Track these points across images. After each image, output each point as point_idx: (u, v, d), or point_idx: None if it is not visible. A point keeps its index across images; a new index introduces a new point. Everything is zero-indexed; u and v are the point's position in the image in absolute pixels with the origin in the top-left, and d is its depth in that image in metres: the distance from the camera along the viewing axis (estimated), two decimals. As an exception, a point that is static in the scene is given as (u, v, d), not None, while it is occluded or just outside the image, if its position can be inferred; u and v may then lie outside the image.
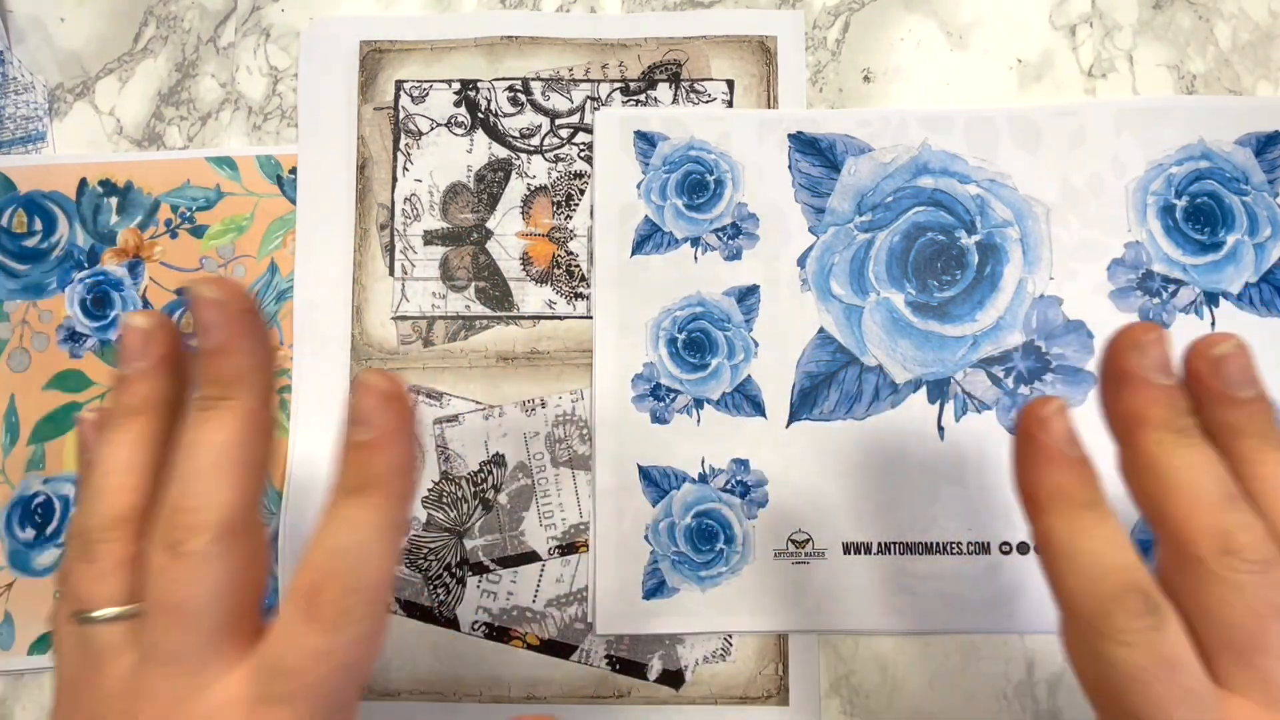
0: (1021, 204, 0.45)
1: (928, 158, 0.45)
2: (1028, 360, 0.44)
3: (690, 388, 0.45)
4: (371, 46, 0.48)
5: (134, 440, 0.25)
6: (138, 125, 0.49)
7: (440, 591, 0.44)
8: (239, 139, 0.48)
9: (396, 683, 0.44)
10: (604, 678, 0.44)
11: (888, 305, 0.44)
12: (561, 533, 0.45)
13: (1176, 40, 0.47)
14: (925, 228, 0.45)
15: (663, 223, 0.46)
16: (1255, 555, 0.22)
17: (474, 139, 0.47)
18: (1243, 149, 0.44)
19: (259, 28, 0.49)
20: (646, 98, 0.47)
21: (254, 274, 0.47)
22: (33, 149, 0.48)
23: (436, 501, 0.45)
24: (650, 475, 0.44)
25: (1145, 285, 0.44)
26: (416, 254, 0.47)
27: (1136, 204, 0.44)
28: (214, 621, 0.23)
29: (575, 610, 0.44)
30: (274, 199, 0.47)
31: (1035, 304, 0.44)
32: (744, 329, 0.45)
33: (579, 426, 0.45)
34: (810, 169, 0.45)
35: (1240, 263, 0.44)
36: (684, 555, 0.44)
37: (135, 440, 0.25)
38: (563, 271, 0.46)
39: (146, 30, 0.49)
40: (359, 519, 0.24)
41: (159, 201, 0.48)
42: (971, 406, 0.44)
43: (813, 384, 0.44)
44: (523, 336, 0.46)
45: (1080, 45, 0.47)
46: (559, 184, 0.47)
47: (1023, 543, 0.43)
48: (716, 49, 0.47)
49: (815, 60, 0.47)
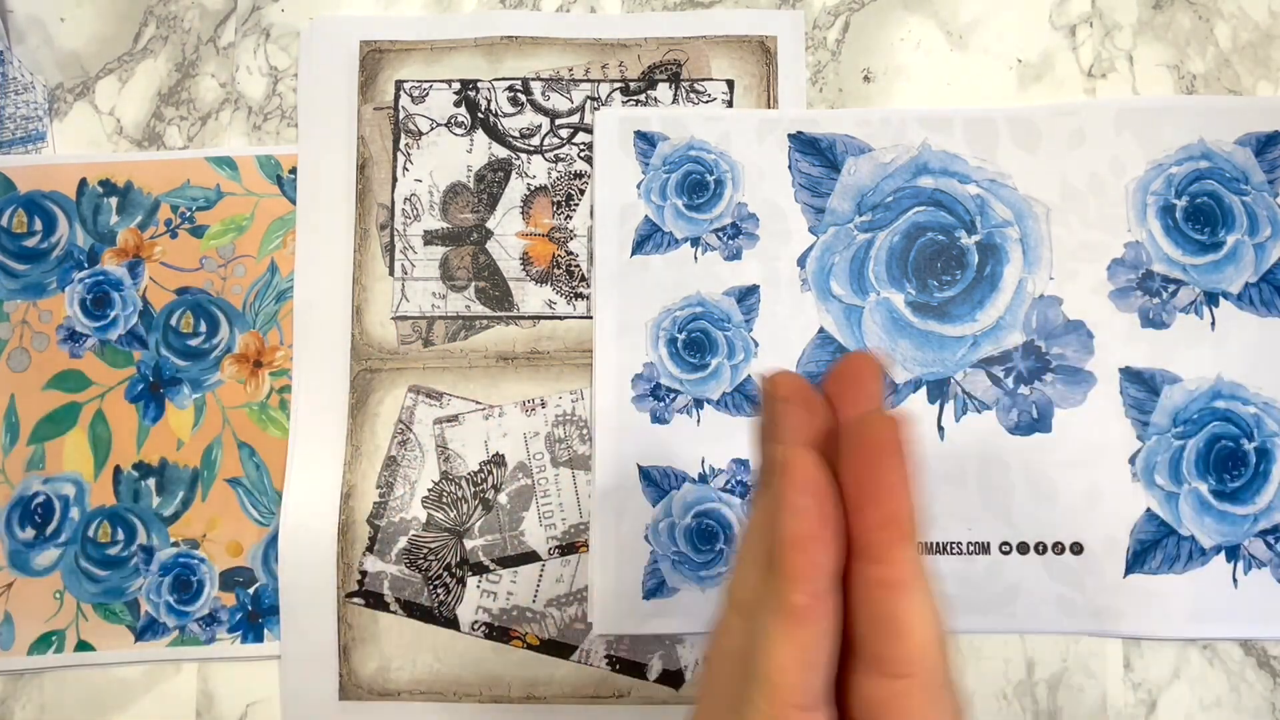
0: (1021, 204, 0.45)
1: (928, 158, 0.45)
2: (1028, 360, 0.44)
3: (690, 388, 0.45)
4: (371, 46, 0.48)
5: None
6: (138, 125, 0.49)
7: (440, 591, 0.44)
8: (239, 139, 0.48)
9: (396, 683, 0.44)
10: (604, 678, 0.44)
11: (888, 305, 0.44)
12: (561, 533, 0.45)
13: (1176, 40, 0.47)
14: (925, 228, 0.45)
15: (663, 223, 0.46)
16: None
17: (474, 139, 0.47)
18: (1243, 149, 0.44)
19: (259, 28, 0.49)
20: (646, 98, 0.47)
21: (254, 274, 0.47)
22: (33, 149, 0.48)
23: (436, 501, 0.45)
24: (650, 475, 0.44)
25: (1145, 285, 0.44)
26: (416, 254, 0.47)
27: (1136, 204, 0.44)
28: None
29: (575, 610, 0.44)
30: (274, 199, 0.47)
31: (1035, 304, 0.44)
32: (744, 329, 0.45)
33: (579, 426, 0.45)
34: (810, 169, 0.45)
35: (1240, 263, 0.44)
36: (684, 555, 0.44)
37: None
38: (563, 271, 0.46)
39: (146, 30, 0.49)
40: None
41: (159, 201, 0.48)
42: (971, 406, 0.44)
43: (813, 383, 0.44)
44: (523, 336, 0.46)
45: (1080, 45, 0.47)
46: (559, 184, 0.47)
47: (1022, 543, 0.43)
48: (716, 49, 0.47)
49: (815, 60, 0.47)
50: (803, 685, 0.20)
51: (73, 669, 0.45)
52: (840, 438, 0.22)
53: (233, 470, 0.46)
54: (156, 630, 0.45)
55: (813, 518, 0.20)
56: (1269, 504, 0.43)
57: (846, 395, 0.23)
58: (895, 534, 0.20)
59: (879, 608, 0.20)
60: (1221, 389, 0.43)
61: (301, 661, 0.44)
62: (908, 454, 0.21)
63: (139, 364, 0.47)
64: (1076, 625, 0.42)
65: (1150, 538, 0.43)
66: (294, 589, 0.45)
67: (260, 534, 0.46)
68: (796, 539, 0.20)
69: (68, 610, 0.45)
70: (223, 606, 0.45)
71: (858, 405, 0.23)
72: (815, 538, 0.20)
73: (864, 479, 0.21)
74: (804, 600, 0.20)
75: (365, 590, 0.45)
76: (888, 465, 0.21)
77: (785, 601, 0.20)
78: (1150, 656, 0.43)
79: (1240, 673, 0.43)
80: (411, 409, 0.46)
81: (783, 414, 0.23)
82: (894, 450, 0.21)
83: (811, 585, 0.20)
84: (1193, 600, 0.42)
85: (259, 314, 0.47)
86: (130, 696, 0.45)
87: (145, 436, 0.46)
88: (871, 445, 0.21)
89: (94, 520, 0.46)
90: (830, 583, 0.21)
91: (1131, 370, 0.43)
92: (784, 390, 0.23)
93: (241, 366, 0.47)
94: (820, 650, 0.20)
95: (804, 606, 0.20)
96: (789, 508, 0.21)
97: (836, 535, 0.21)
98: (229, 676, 0.45)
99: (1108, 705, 0.43)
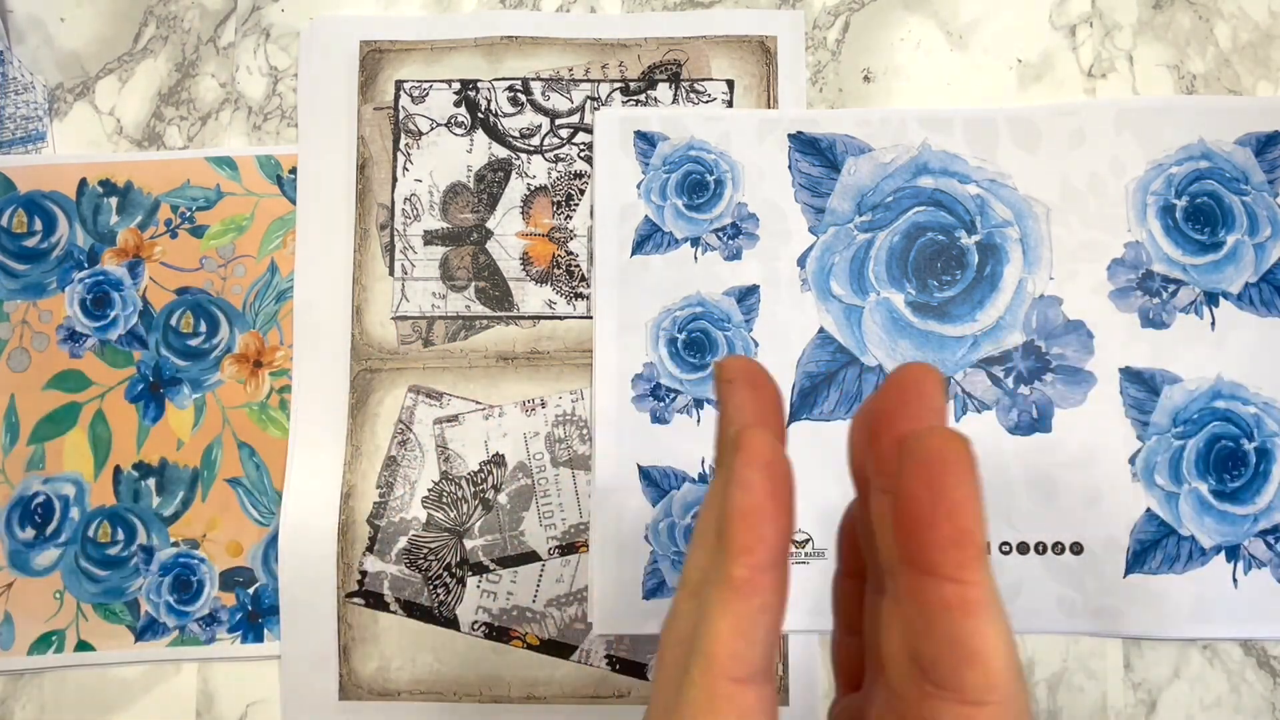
0: (1021, 204, 0.45)
1: (928, 158, 0.45)
2: (1028, 360, 0.44)
3: (690, 388, 0.44)
4: (371, 46, 0.48)
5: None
6: (138, 125, 0.49)
7: (440, 591, 0.44)
8: (239, 139, 0.48)
9: (396, 683, 0.44)
10: (604, 678, 0.44)
11: (888, 305, 0.44)
12: (561, 533, 0.45)
13: (1176, 40, 0.47)
14: (925, 228, 0.45)
15: (663, 223, 0.46)
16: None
17: (474, 139, 0.47)
18: (1243, 149, 0.44)
19: (259, 28, 0.49)
20: (646, 98, 0.47)
21: (254, 274, 0.47)
22: (33, 149, 0.48)
23: (436, 501, 0.45)
24: (650, 475, 0.44)
25: (1145, 285, 0.44)
26: (416, 254, 0.47)
27: (1136, 204, 0.44)
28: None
29: (575, 610, 0.44)
30: (274, 199, 0.47)
31: (1035, 304, 0.44)
32: (744, 329, 0.45)
33: (579, 426, 0.45)
34: (810, 169, 0.45)
35: (1240, 262, 0.44)
36: (684, 555, 0.44)
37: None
38: (563, 271, 0.46)
39: (146, 30, 0.49)
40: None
41: (159, 201, 0.48)
42: (971, 406, 0.44)
43: (813, 384, 0.44)
44: (523, 336, 0.46)
45: (1080, 45, 0.47)
46: (559, 184, 0.47)
47: (1022, 543, 0.43)
48: (716, 49, 0.47)
49: (815, 60, 0.47)
50: (739, 657, 0.20)
51: (73, 669, 0.45)
52: (900, 451, 0.21)
53: (233, 470, 0.46)
54: (156, 630, 0.45)
55: (759, 492, 0.20)
56: (1269, 504, 0.43)
57: (908, 407, 0.22)
58: (969, 552, 0.19)
59: (955, 630, 0.19)
60: (1221, 389, 0.43)
61: (301, 661, 0.44)
62: (976, 471, 0.20)
63: (139, 364, 0.47)
64: (1076, 625, 0.42)
65: (1150, 538, 0.43)
66: (294, 589, 0.45)
67: (260, 534, 0.46)
68: (741, 511, 0.20)
69: (68, 610, 0.45)
70: (223, 606, 0.45)
71: (920, 417, 0.22)
72: (760, 510, 0.20)
73: (934, 494, 0.20)
74: (744, 573, 0.20)
75: (365, 590, 0.45)
76: (958, 480, 0.20)
77: (726, 574, 0.20)
78: (1150, 656, 0.43)
79: (1240, 673, 0.43)
80: (411, 409, 0.46)
81: (729, 394, 0.23)
82: (966, 465, 0.20)
83: (754, 558, 0.20)
84: (1193, 600, 0.42)
85: (259, 314, 0.47)
86: (130, 696, 0.45)
87: (145, 436, 0.46)
88: (941, 459, 0.20)
89: (94, 520, 0.46)
90: (775, 558, 0.20)
91: (1131, 370, 0.43)
92: (729, 372, 0.23)
93: (241, 366, 0.47)
94: (758, 625, 0.20)
95: (743, 579, 0.20)
96: (737, 482, 0.20)
97: (784, 513, 0.21)
98: (229, 676, 0.45)
99: (1108, 705, 0.43)
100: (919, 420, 0.22)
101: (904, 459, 0.20)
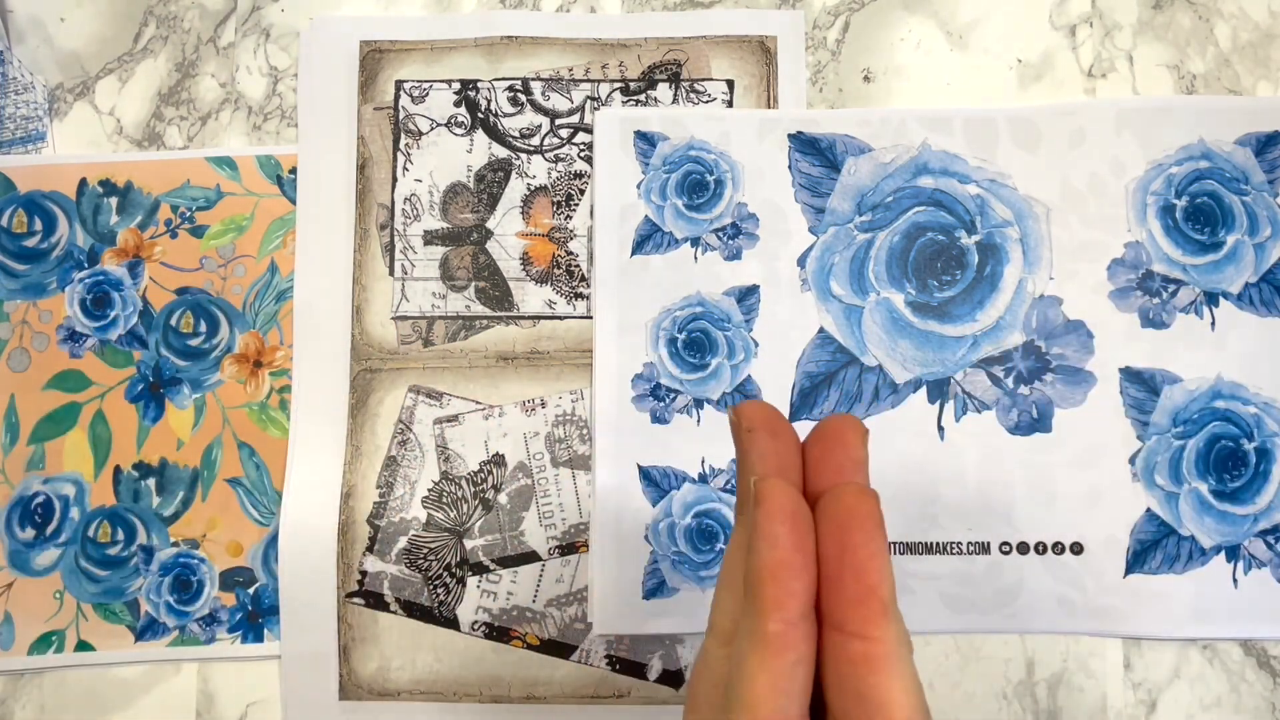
0: (1021, 204, 0.45)
1: (928, 158, 0.45)
2: (1028, 360, 0.44)
3: (690, 388, 0.45)
4: (371, 46, 0.48)
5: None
6: (138, 125, 0.49)
7: (440, 591, 0.44)
8: (239, 139, 0.48)
9: (396, 683, 0.44)
10: (604, 678, 0.44)
11: (888, 305, 0.44)
12: (561, 533, 0.45)
13: (1176, 40, 0.47)
14: (925, 228, 0.45)
15: (663, 223, 0.46)
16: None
17: (474, 139, 0.47)
18: (1243, 149, 0.44)
19: (259, 28, 0.49)
20: (646, 98, 0.47)
21: (254, 274, 0.47)
22: (33, 149, 0.48)
23: (436, 501, 0.45)
24: (650, 475, 0.44)
25: (1145, 285, 0.44)
26: (416, 254, 0.47)
27: (1136, 204, 0.44)
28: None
29: (575, 610, 0.44)
30: (274, 199, 0.47)
31: (1035, 304, 0.44)
32: (744, 329, 0.45)
33: (579, 426, 0.45)
34: (810, 169, 0.45)
35: (1240, 263, 0.44)
36: (684, 555, 0.44)
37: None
38: (563, 271, 0.46)
39: (146, 30, 0.49)
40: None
41: (159, 201, 0.48)
42: (971, 406, 0.44)
43: (813, 384, 0.44)
44: (523, 336, 0.46)
45: (1080, 45, 0.47)
46: (559, 184, 0.47)
47: (1022, 543, 0.43)
48: (716, 49, 0.47)
49: (815, 60, 0.47)
50: (779, 711, 0.20)
51: (73, 669, 0.45)
52: (817, 508, 0.22)
53: (233, 470, 0.46)
54: (156, 630, 0.45)
55: (786, 546, 0.21)
56: (1269, 504, 0.43)
57: (828, 459, 0.23)
58: (874, 608, 0.20)
59: (860, 684, 0.20)
60: (1221, 389, 0.43)
61: (301, 661, 0.44)
62: (883, 527, 0.21)
63: (139, 364, 0.47)
64: (1076, 625, 0.43)
65: (1150, 538, 0.43)
66: (294, 589, 0.45)
67: (260, 534, 0.46)
68: (770, 567, 0.21)
69: (68, 610, 0.45)
70: (223, 606, 0.45)
71: (840, 471, 0.23)
72: (788, 565, 0.21)
73: (841, 551, 0.21)
74: (778, 628, 0.20)
75: (365, 590, 0.45)
76: (864, 538, 0.21)
77: (760, 629, 0.21)
78: (1150, 656, 0.43)
79: (1240, 673, 0.43)
80: (411, 409, 0.46)
81: (749, 443, 0.23)
82: (871, 523, 0.21)
83: (786, 613, 0.21)
84: (1193, 600, 0.42)
85: (259, 314, 0.47)
86: (130, 696, 0.45)
87: (145, 436, 0.46)
88: (847, 517, 0.21)
89: (94, 520, 0.46)
90: (804, 609, 0.21)
91: (1131, 370, 0.44)
92: (749, 420, 0.24)
93: (241, 366, 0.47)
94: (795, 678, 0.21)
95: (778, 634, 0.20)
96: (762, 536, 0.21)
97: (810, 563, 0.21)
98: (229, 676, 0.45)
99: (1108, 705, 0.43)
100: (840, 473, 0.22)
101: (818, 517, 0.21)
